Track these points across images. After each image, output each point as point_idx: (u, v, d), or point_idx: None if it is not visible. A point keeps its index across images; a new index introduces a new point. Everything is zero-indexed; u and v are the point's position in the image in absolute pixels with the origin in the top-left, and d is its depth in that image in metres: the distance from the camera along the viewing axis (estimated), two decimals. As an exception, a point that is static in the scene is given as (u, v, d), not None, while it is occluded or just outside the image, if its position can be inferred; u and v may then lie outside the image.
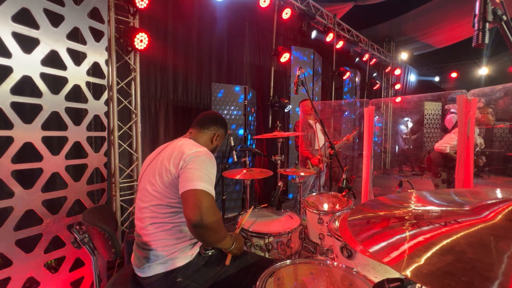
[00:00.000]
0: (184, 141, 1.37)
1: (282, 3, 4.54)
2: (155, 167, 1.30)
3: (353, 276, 1.16)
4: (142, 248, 1.26)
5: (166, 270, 1.22)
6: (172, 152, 1.29)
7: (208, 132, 1.52)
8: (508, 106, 3.45)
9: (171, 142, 1.43)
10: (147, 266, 1.22)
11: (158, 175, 1.26)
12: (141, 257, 1.25)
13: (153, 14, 3.23)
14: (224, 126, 1.60)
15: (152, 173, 1.29)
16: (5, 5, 1.60)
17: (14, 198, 1.67)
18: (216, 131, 1.55)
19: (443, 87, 12.24)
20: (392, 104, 7.96)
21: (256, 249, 1.70)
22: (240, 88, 4.06)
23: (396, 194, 0.90)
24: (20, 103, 1.68)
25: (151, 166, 1.35)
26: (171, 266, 1.22)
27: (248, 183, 2.55)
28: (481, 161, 3.21)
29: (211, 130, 1.53)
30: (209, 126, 1.53)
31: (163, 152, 1.36)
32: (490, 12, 0.81)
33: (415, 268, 0.46)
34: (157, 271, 1.21)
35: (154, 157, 1.39)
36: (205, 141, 1.51)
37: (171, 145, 1.39)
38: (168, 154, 1.29)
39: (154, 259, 1.22)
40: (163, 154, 1.34)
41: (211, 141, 1.54)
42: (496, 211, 0.56)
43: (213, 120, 1.55)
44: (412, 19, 6.76)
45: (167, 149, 1.35)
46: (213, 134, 1.53)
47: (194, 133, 1.52)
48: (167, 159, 1.27)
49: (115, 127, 2.79)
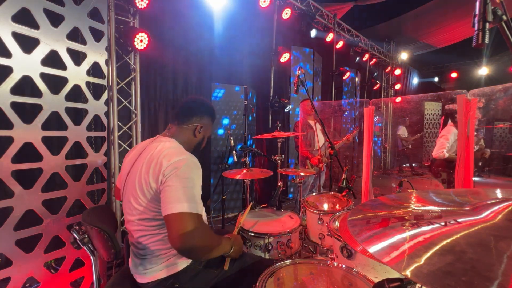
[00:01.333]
0: (162, 145, 1.22)
1: (282, 3, 4.54)
2: (134, 178, 1.20)
3: (353, 276, 1.16)
4: (137, 256, 1.23)
5: (163, 276, 1.18)
6: (151, 161, 1.16)
7: (188, 126, 1.33)
8: (508, 106, 3.45)
9: (150, 144, 1.28)
10: (144, 273, 1.19)
11: (139, 188, 1.17)
12: (137, 263, 1.22)
13: (153, 14, 3.22)
14: (208, 112, 1.39)
15: (133, 186, 1.20)
16: (5, 5, 1.60)
17: (14, 198, 1.67)
18: (198, 121, 1.34)
19: (443, 87, 12.23)
20: (392, 104, 7.96)
21: (256, 249, 1.70)
22: (240, 88, 4.06)
23: (396, 194, 0.90)
24: (20, 103, 1.68)
25: (131, 175, 1.24)
26: (168, 272, 1.19)
27: (248, 183, 2.55)
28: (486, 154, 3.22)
29: (192, 122, 1.33)
30: (189, 118, 1.33)
31: (142, 157, 1.23)
32: (490, 12, 0.81)
33: (415, 268, 0.46)
34: (155, 278, 1.18)
35: (135, 161, 1.26)
36: (187, 137, 1.33)
37: (149, 148, 1.24)
38: (146, 164, 1.17)
39: (151, 266, 1.19)
40: (142, 160, 1.21)
41: (194, 135, 1.35)
42: (496, 211, 0.56)
43: (192, 110, 1.35)
44: (412, 19, 6.75)
45: (146, 154, 1.22)
46: (194, 127, 1.34)
47: (172, 129, 1.34)
48: (146, 170, 1.16)
49: (115, 127, 2.79)
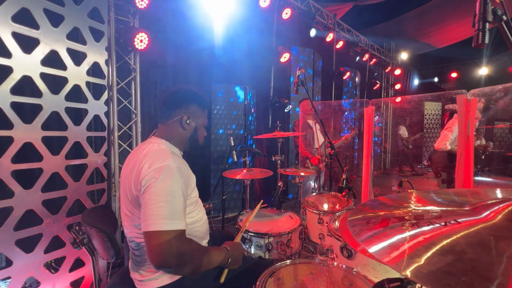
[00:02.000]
0: (149, 148, 1.15)
1: (282, 3, 4.54)
2: (125, 183, 1.16)
3: (353, 276, 1.16)
4: (135, 262, 1.21)
5: (162, 284, 1.15)
6: (135, 166, 1.10)
7: (173, 120, 1.20)
8: (508, 106, 3.46)
9: (141, 146, 1.22)
10: (142, 280, 1.17)
11: (124, 195, 1.14)
12: (136, 268, 1.21)
13: (153, 14, 3.22)
14: (193, 100, 1.25)
15: (123, 191, 1.16)
16: (5, 5, 1.60)
17: (14, 198, 1.67)
18: (184, 112, 1.21)
19: (443, 87, 12.23)
20: (392, 104, 7.96)
21: (256, 249, 1.70)
22: (240, 88, 4.06)
23: (396, 194, 0.90)
24: (20, 103, 1.68)
25: (122, 180, 1.19)
26: (167, 281, 1.16)
27: (248, 183, 2.55)
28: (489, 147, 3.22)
29: (176, 115, 1.20)
30: (171, 112, 1.21)
31: (130, 161, 1.18)
32: (490, 12, 0.81)
33: (415, 268, 0.46)
34: (154, 286, 1.14)
35: (127, 165, 1.21)
36: (176, 133, 1.23)
37: (138, 151, 1.18)
38: (131, 169, 1.11)
39: (149, 275, 1.16)
40: (130, 164, 1.16)
41: (183, 127, 1.22)
42: (496, 211, 0.56)
43: (172, 103, 1.22)
44: (412, 19, 6.75)
45: (134, 157, 1.16)
46: (180, 119, 1.20)
47: (161, 128, 1.25)
48: (129, 176, 1.11)
49: (115, 127, 2.79)
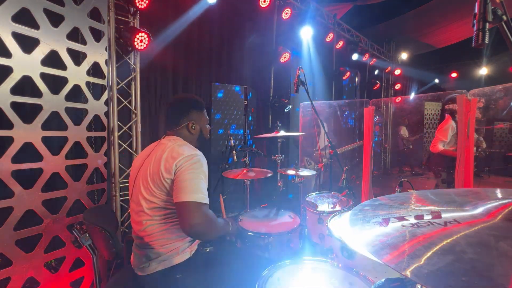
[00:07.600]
0: (173, 142, 1.31)
1: (282, 3, 4.54)
2: (146, 170, 1.27)
3: (353, 276, 1.16)
4: (142, 247, 1.27)
5: (166, 267, 1.23)
6: (162, 154, 1.24)
7: (181, 127, 1.39)
8: (508, 106, 3.45)
9: (159, 143, 1.37)
10: (147, 264, 1.23)
11: (151, 179, 1.24)
12: (140, 255, 1.26)
13: (153, 14, 3.22)
14: (192, 106, 1.43)
15: (144, 177, 1.27)
16: (5, 5, 1.60)
17: (14, 198, 1.67)
18: (189, 119, 1.40)
19: (443, 87, 12.22)
20: (392, 104, 7.95)
21: (256, 249, 1.69)
22: (240, 88, 4.06)
23: (396, 194, 0.90)
24: (20, 103, 1.68)
25: (143, 168, 1.31)
26: (170, 263, 1.24)
27: (248, 183, 2.55)
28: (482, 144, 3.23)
29: (182, 123, 1.39)
30: (178, 121, 1.40)
31: (153, 153, 1.31)
32: (490, 12, 0.81)
33: (415, 268, 0.46)
34: (157, 269, 1.22)
35: (145, 159, 1.34)
36: (185, 136, 1.40)
37: (160, 146, 1.33)
38: (159, 157, 1.25)
39: (154, 257, 1.23)
40: (153, 156, 1.29)
41: (190, 132, 1.41)
42: (496, 211, 0.56)
43: (175, 114, 1.41)
44: (412, 19, 6.74)
45: (157, 150, 1.30)
46: (186, 125, 1.40)
47: (170, 134, 1.41)
48: (158, 163, 1.23)
49: (115, 127, 2.79)
